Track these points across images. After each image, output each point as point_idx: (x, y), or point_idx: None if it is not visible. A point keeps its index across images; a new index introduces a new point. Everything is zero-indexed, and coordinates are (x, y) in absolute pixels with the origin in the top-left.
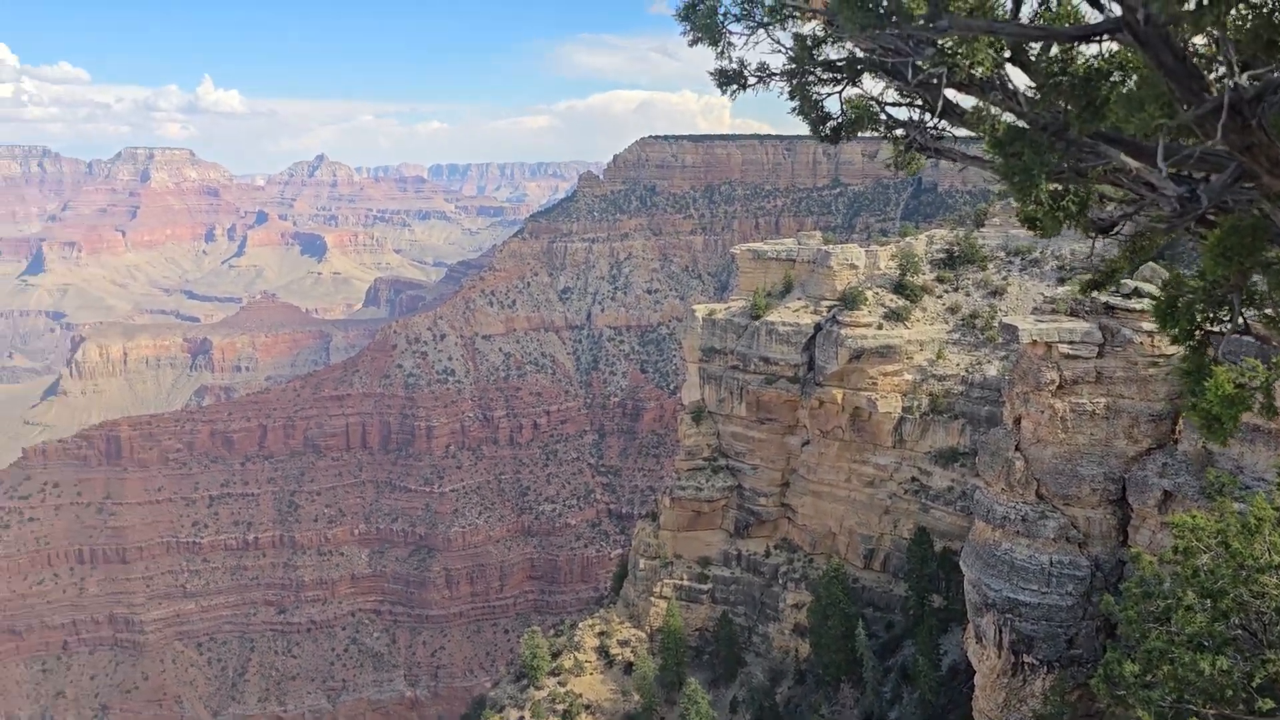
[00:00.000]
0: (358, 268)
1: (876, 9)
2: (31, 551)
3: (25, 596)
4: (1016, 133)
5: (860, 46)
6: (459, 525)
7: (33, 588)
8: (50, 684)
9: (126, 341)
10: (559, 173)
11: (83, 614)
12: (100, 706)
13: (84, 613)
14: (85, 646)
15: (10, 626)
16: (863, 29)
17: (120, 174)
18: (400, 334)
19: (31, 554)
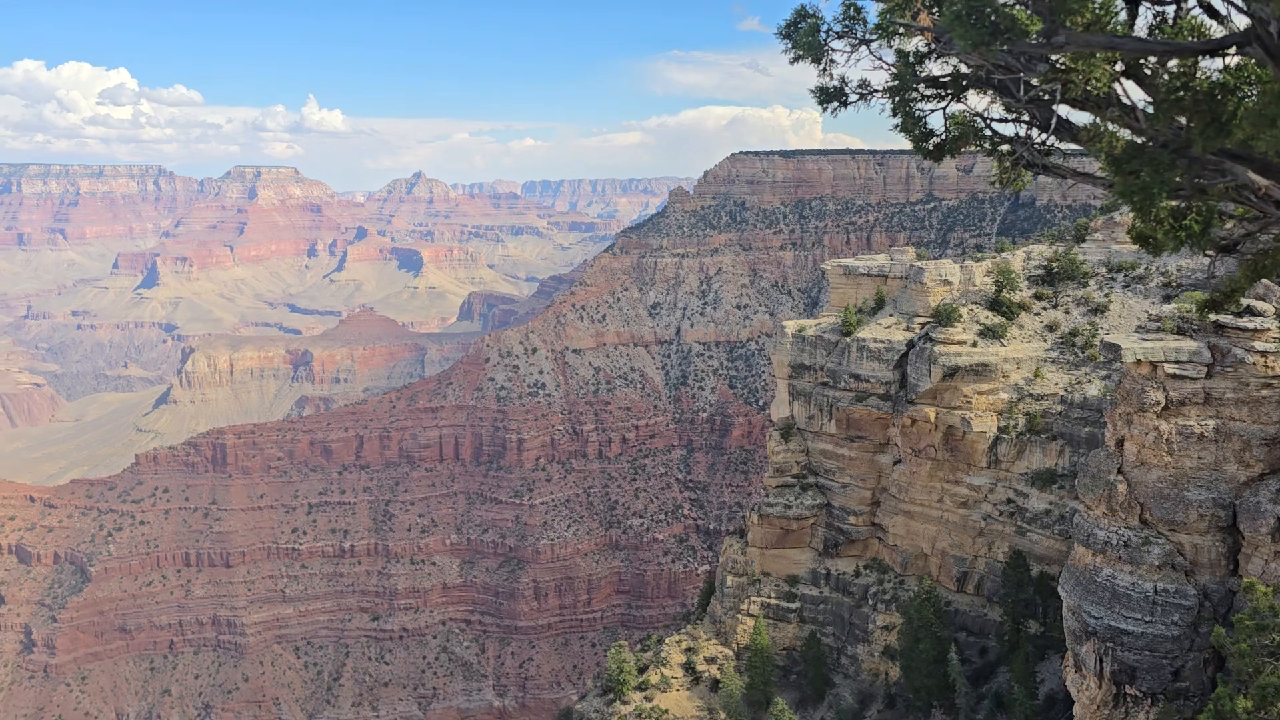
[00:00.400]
0: (452, 282)
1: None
2: (142, 554)
3: (136, 597)
4: (1135, 150)
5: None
6: (548, 538)
7: (143, 588)
8: (157, 682)
9: (233, 353)
10: (649, 188)
11: (188, 615)
12: (203, 705)
13: (189, 614)
14: (190, 646)
15: (122, 625)
16: (975, 46)
17: (229, 192)
18: (492, 348)
19: (142, 556)
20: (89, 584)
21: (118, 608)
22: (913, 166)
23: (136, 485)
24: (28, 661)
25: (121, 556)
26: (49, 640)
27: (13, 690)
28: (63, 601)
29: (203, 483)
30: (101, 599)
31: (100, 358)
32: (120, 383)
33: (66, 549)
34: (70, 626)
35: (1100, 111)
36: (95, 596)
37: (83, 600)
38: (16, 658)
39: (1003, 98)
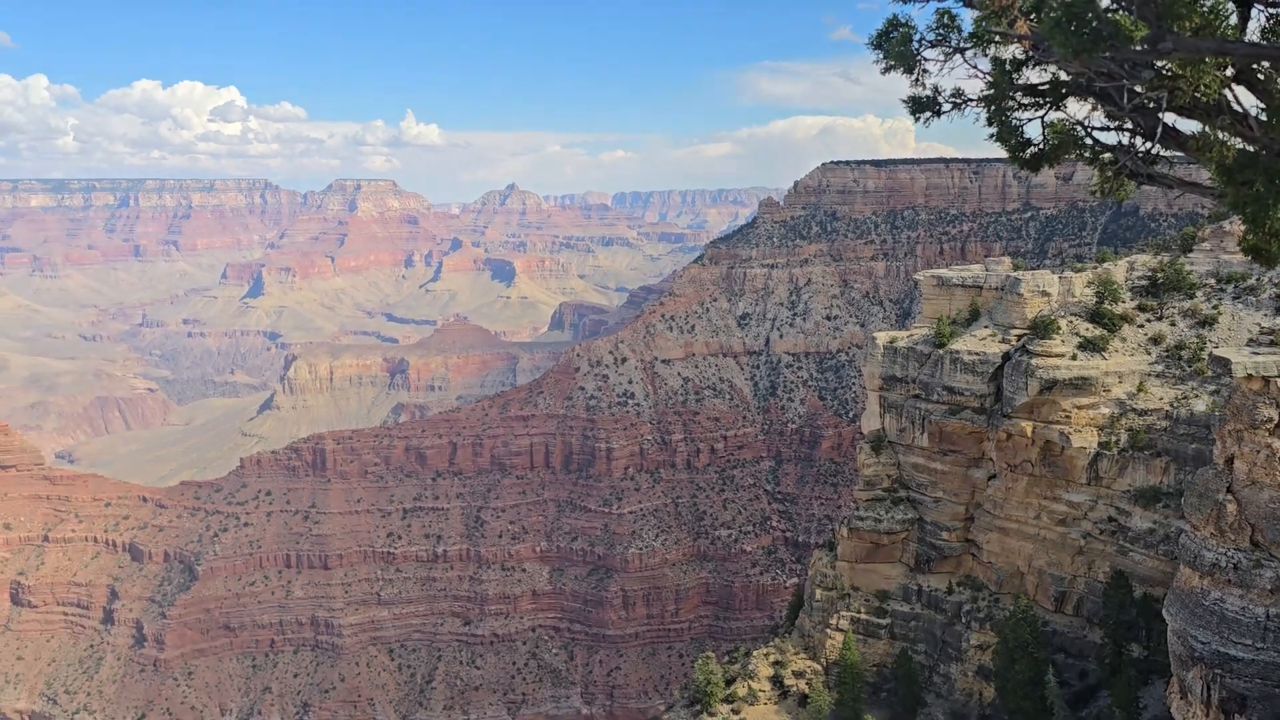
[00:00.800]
0: (544, 292)
1: (1091, 33)
2: (245, 554)
3: (239, 596)
4: (1248, 159)
5: (1068, 70)
6: (636, 547)
7: (246, 588)
8: (259, 679)
9: (333, 360)
10: (739, 199)
11: (288, 615)
12: (302, 704)
13: (290, 614)
14: (290, 646)
15: (226, 623)
16: (1075, 53)
17: (330, 204)
18: (583, 357)
19: (245, 557)
20: (196, 582)
21: (222, 606)
22: (1009, 175)
23: (241, 488)
24: (139, 655)
25: (226, 556)
26: (158, 636)
27: (125, 682)
28: (171, 599)
29: (303, 486)
30: (207, 597)
31: (209, 364)
32: (227, 388)
33: (175, 548)
34: (178, 623)
35: (1210, 119)
36: (201, 595)
37: (190, 598)
38: (129, 651)
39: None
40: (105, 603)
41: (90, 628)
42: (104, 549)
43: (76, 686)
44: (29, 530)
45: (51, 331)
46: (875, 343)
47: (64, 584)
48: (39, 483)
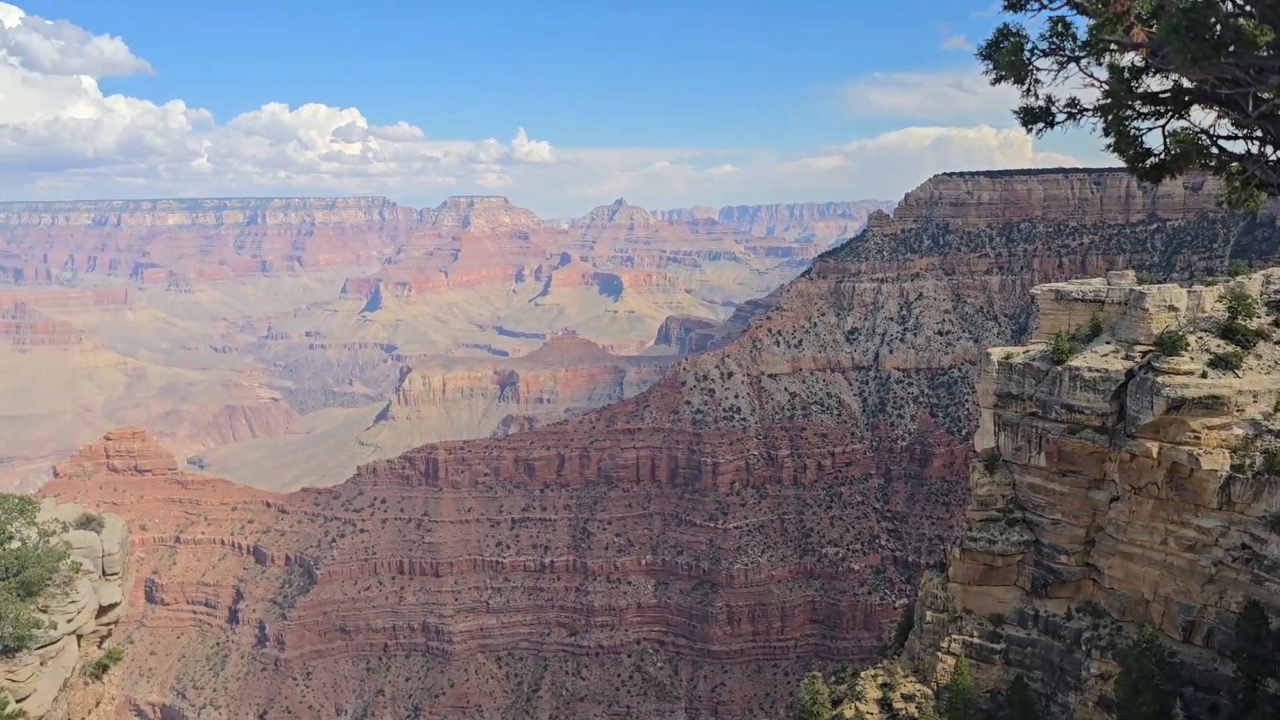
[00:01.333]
0: (651, 306)
1: (1212, 39)
2: (361, 560)
3: (355, 600)
4: None
5: (1189, 78)
6: (741, 563)
7: (361, 592)
8: (372, 682)
9: (445, 372)
10: (848, 212)
11: (401, 620)
12: (413, 708)
13: (402, 619)
14: (402, 650)
15: (342, 626)
16: (1195, 61)
17: (445, 220)
18: (689, 371)
19: (361, 562)
20: (314, 585)
21: (339, 609)
22: (1133, 185)
23: (358, 495)
24: (261, 654)
25: (343, 561)
26: (279, 636)
27: (248, 680)
28: (292, 600)
29: (416, 495)
30: (325, 600)
31: (329, 375)
32: (346, 399)
33: (296, 552)
34: (298, 624)
35: None
36: (319, 598)
37: (309, 600)
38: (252, 650)
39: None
40: (231, 602)
41: (217, 626)
42: (230, 551)
43: (204, 682)
44: (163, 531)
45: (185, 343)
46: (990, 358)
47: (194, 583)
48: (172, 486)
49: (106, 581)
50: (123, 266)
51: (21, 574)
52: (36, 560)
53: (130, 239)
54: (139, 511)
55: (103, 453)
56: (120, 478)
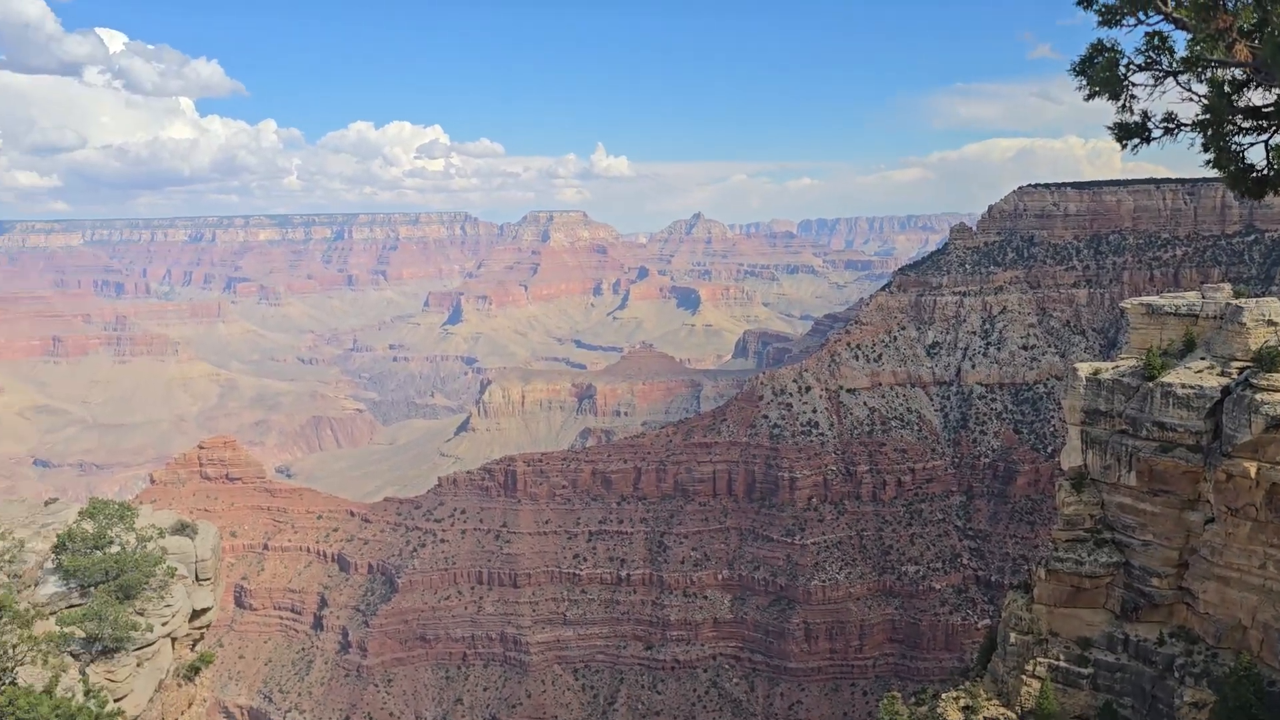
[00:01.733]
0: (728, 320)
1: None
2: (441, 569)
3: (435, 609)
4: None
5: None
6: (819, 579)
7: (441, 601)
8: (451, 690)
9: (524, 385)
10: (929, 225)
11: (480, 630)
12: (490, 717)
13: (481, 629)
14: (480, 660)
15: (422, 634)
16: None
17: (524, 235)
18: (766, 385)
19: (441, 572)
20: (396, 594)
21: (419, 618)
22: (1229, 195)
23: (438, 505)
24: (344, 660)
25: (424, 571)
26: (362, 643)
27: (331, 685)
28: (374, 608)
29: (495, 506)
30: (406, 609)
31: (411, 387)
32: (427, 410)
33: (379, 560)
34: (379, 632)
35: None
36: (401, 606)
37: (390, 608)
38: (335, 656)
39: None
40: (316, 609)
41: (302, 632)
42: (315, 558)
43: (289, 686)
44: (252, 538)
45: (275, 355)
46: (1077, 374)
47: (280, 590)
48: (261, 494)
49: (199, 586)
50: (216, 281)
51: (120, 578)
52: (134, 565)
53: (224, 254)
54: (229, 518)
55: (196, 461)
56: (212, 485)
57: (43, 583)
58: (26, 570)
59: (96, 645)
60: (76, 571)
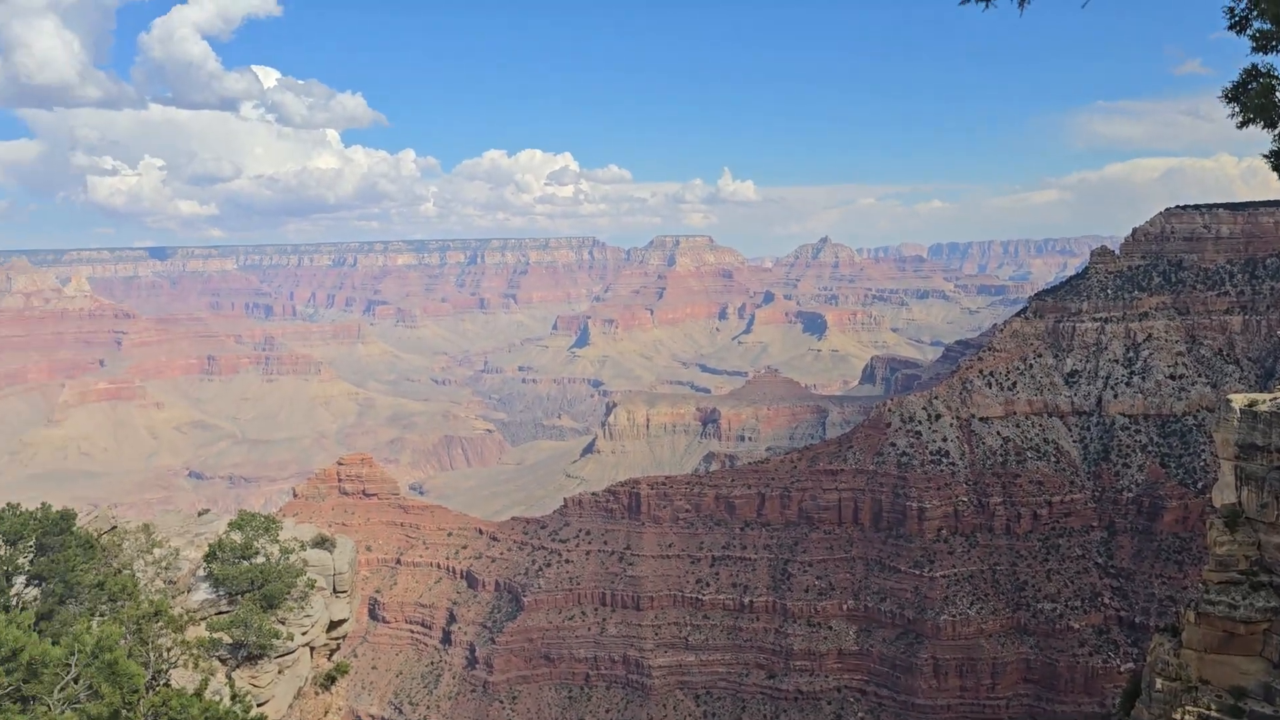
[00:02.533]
0: (855, 345)
1: None
2: (565, 589)
3: (559, 629)
4: None
5: None
6: (949, 613)
7: (565, 622)
8: (574, 710)
9: (649, 408)
10: (1068, 248)
11: (602, 651)
12: None
13: (603, 650)
14: (603, 681)
15: (546, 653)
16: None
17: (651, 259)
18: (894, 412)
19: (565, 592)
20: (521, 612)
21: (544, 637)
22: None
23: (564, 526)
24: (471, 676)
25: (549, 590)
26: (488, 659)
27: (458, 700)
28: (500, 625)
29: (619, 528)
30: (531, 627)
31: (539, 409)
32: (554, 432)
33: (505, 578)
34: (505, 649)
35: None
36: (526, 625)
37: (516, 626)
38: (463, 671)
39: None
40: (444, 624)
41: (431, 646)
42: (445, 575)
43: (418, 699)
44: (385, 553)
45: (410, 375)
46: (1231, 406)
47: (411, 604)
48: (395, 510)
49: (336, 598)
50: (357, 303)
51: (265, 587)
52: (278, 575)
53: (364, 278)
54: (365, 533)
55: (335, 476)
56: (350, 500)
57: (194, 589)
58: (180, 577)
59: (242, 651)
60: (225, 580)
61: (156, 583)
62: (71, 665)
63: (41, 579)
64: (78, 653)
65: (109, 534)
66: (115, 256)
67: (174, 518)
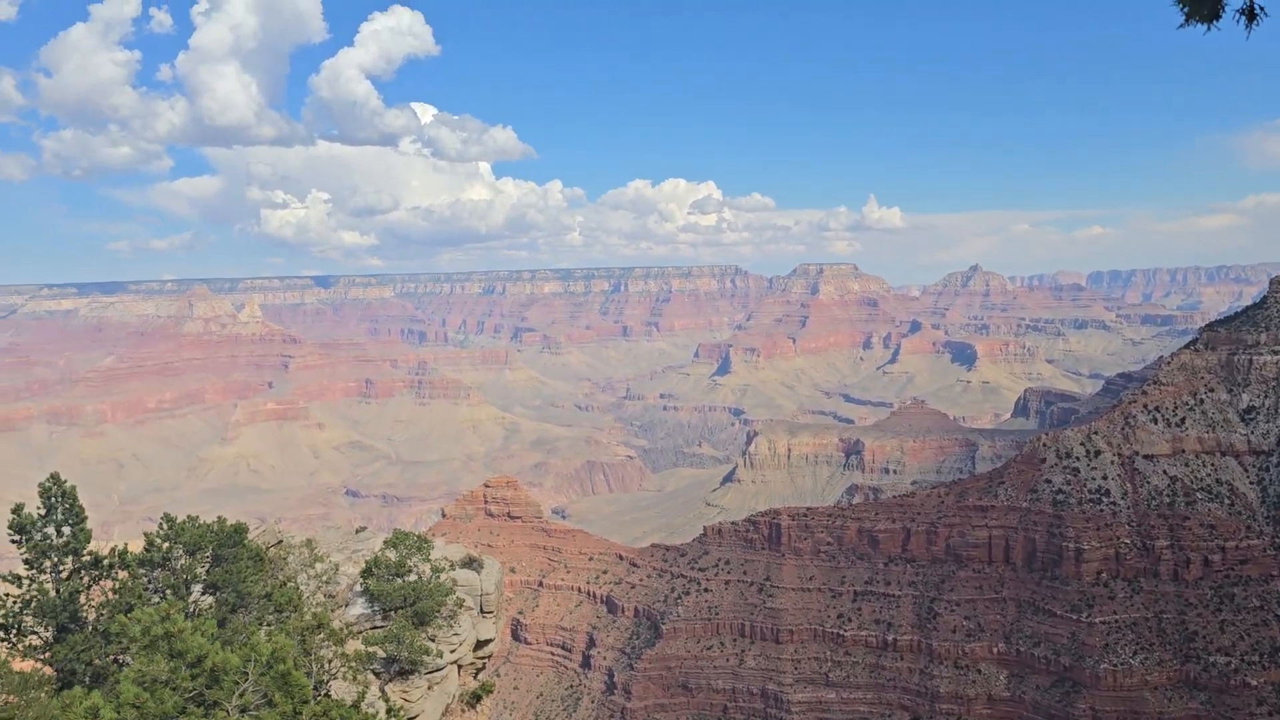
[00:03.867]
0: (1007, 377)
1: None
2: (704, 619)
3: (697, 658)
4: None
5: None
6: (1109, 662)
7: (703, 651)
8: None
9: (790, 438)
10: (1242, 276)
11: (740, 684)
12: None
13: (742, 682)
14: (741, 713)
15: (684, 683)
16: None
17: (794, 288)
18: (1050, 447)
19: (704, 621)
20: (660, 640)
21: (682, 665)
22: None
23: (703, 555)
24: (609, 701)
25: (687, 618)
26: (626, 685)
27: None
28: (638, 652)
29: (759, 559)
30: (669, 655)
31: (680, 436)
32: (694, 460)
33: (644, 605)
34: (643, 676)
35: None
36: (664, 652)
37: (654, 654)
38: (601, 696)
39: None
40: (584, 648)
41: (571, 669)
42: (585, 599)
43: None
44: (528, 575)
45: (554, 401)
46: None
47: (553, 626)
48: (538, 534)
49: (483, 618)
50: (505, 330)
51: (416, 605)
52: (429, 594)
53: (512, 305)
54: (509, 555)
55: (481, 498)
56: (495, 522)
57: (351, 604)
58: (339, 591)
59: (394, 666)
60: (380, 596)
61: (317, 596)
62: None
63: (216, 588)
64: (254, 662)
65: (275, 548)
66: (284, 285)
67: (334, 534)
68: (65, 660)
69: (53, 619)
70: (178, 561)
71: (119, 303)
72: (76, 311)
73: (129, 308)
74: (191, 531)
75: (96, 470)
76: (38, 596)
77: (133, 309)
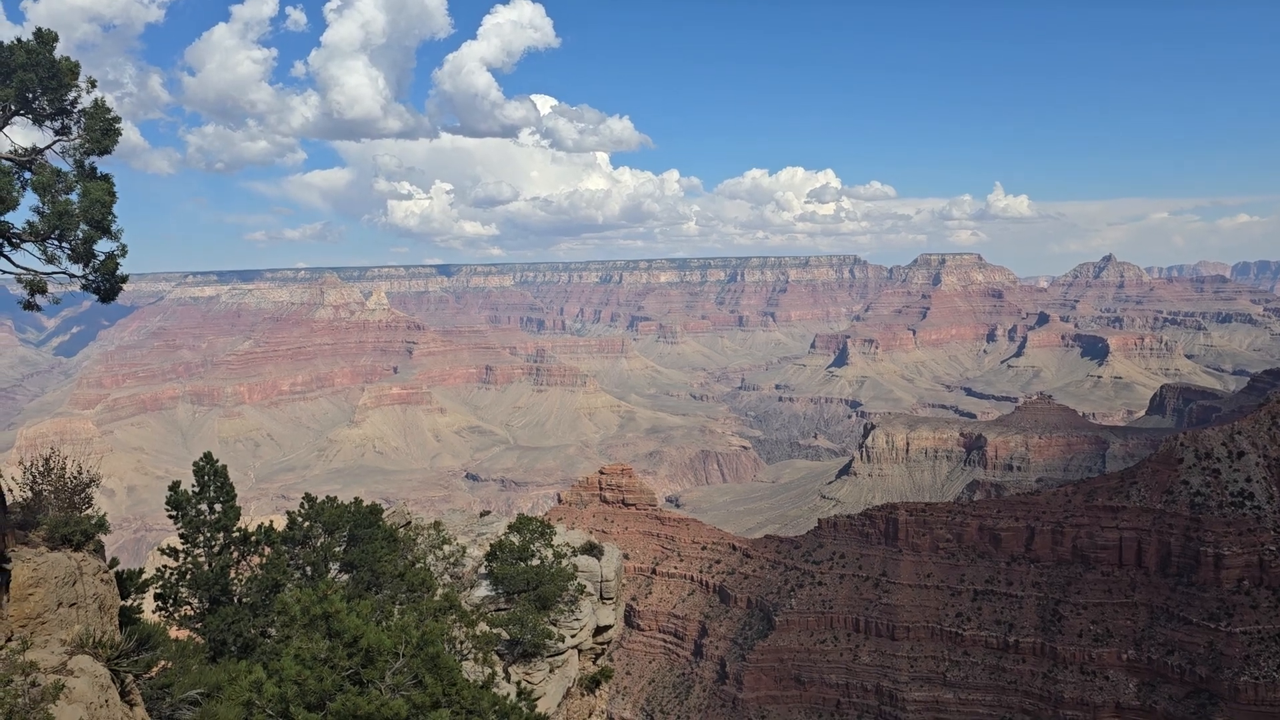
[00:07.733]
0: (1142, 373)
1: None
2: (817, 612)
3: (809, 651)
4: None
5: None
6: (1250, 674)
7: (816, 644)
8: None
9: (909, 432)
10: None
11: (854, 679)
12: None
13: (855, 678)
14: (855, 710)
15: (797, 675)
16: None
17: (914, 278)
18: (1188, 447)
19: (817, 614)
20: (772, 632)
21: (794, 658)
22: None
23: (817, 548)
24: (720, 690)
25: (800, 611)
26: (738, 676)
27: (708, 714)
28: (751, 643)
29: (875, 553)
30: (781, 648)
31: (795, 428)
32: (810, 452)
33: (757, 596)
34: (755, 667)
35: None
36: (776, 644)
37: (766, 645)
38: (713, 685)
39: None
40: (696, 636)
41: (683, 657)
42: (698, 588)
43: (669, 708)
44: (642, 562)
45: (669, 390)
46: None
47: (665, 614)
48: (651, 521)
49: (603, 604)
50: (621, 319)
51: (539, 589)
52: (551, 579)
53: (629, 294)
54: (623, 541)
55: (597, 485)
56: (609, 509)
57: (477, 586)
58: (465, 573)
59: (517, 648)
60: (504, 579)
61: (445, 577)
62: (399, 654)
63: (353, 566)
64: (405, 643)
65: (405, 529)
66: (409, 273)
67: (459, 517)
68: (217, 630)
69: (205, 591)
70: (317, 540)
71: (256, 290)
72: (218, 298)
73: (265, 294)
74: (330, 511)
75: (234, 448)
76: (192, 569)
77: (269, 296)
